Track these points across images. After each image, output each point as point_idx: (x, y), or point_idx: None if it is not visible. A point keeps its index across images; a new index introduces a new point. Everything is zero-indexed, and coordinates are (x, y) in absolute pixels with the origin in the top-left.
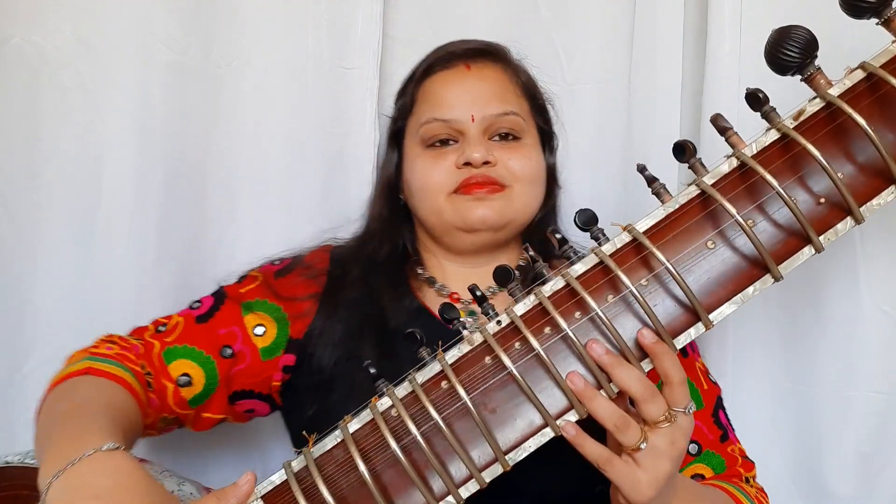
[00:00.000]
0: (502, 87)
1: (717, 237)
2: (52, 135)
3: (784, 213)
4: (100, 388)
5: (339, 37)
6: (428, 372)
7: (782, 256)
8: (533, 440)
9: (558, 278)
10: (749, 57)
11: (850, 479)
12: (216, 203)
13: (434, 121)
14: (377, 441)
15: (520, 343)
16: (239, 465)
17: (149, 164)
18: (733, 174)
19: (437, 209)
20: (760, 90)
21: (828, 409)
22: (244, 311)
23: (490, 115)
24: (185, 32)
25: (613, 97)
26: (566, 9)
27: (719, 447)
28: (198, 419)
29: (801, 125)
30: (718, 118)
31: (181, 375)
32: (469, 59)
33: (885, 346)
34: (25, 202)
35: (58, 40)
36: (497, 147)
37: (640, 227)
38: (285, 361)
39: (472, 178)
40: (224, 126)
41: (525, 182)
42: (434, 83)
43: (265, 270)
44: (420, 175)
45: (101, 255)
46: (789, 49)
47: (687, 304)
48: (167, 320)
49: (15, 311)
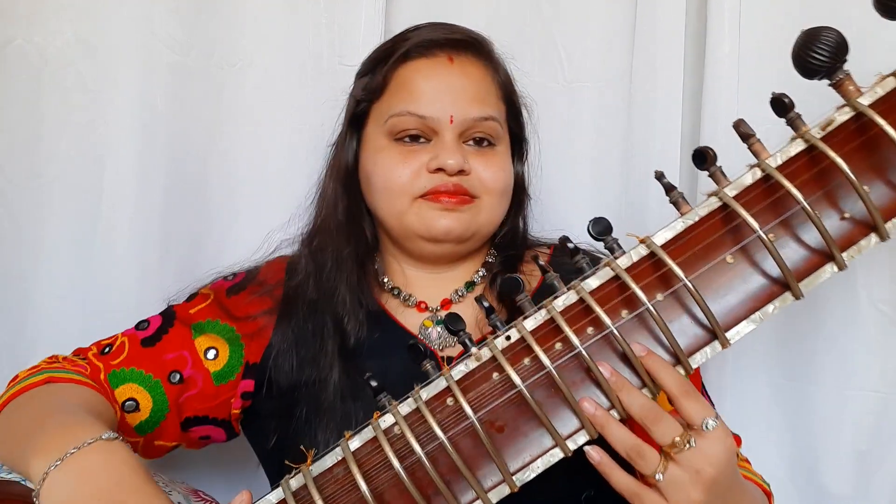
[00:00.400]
0: (485, 87)
1: (738, 252)
2: (53, 135)
3: (808, 229)
4: (70, 391)
5: (341, 35)
6: (433, 388)
7: (804, 274)
8: (541, 460)
9: (571, 292)
10: (748, 58)
11: (847, 478)
12: (218, 203)
13: (408, 114)
14: (380, 460)
15: (530, 360)
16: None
17: (150, 164)
18: (757, 187)
19: (399, 212)
20: (786, 95)
21: (825, 407)
22: (195, 333)
23: (470, 119)
24: (187, 33)
25: (613, 96)
26: (567, 7)
27: None
28: (149, 447)
29: (830, 136)
30: (741, 124)
31: (127, 400)
32: (453, 50)
33: (882, 345)
34: (27, 202)
35: (59, 41)
36: (471, 154)
37: (658, 240)
38: (244, 387)
39: (442, 185)
40: (225, 126)
41: (495, 194)
42: (412, 71)
43: (217, 287)
44: (384, 172)
45: (103, 255)
46: (818, 51)
47: (704, 323)
48: (111, 341)
49: (17, 311)
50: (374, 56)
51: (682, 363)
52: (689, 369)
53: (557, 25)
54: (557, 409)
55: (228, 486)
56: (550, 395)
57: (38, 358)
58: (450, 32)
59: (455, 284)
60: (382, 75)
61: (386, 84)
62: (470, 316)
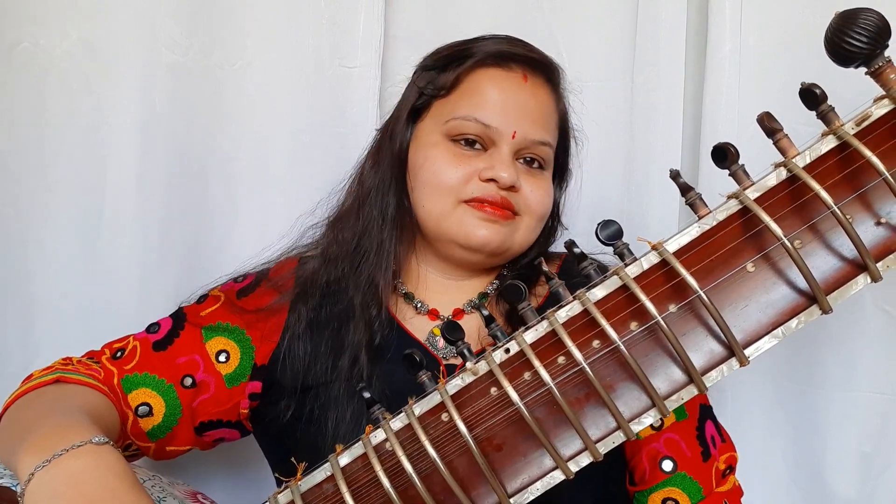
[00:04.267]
0: (549, 112)
1: (760, 261)
2: (59, 136)
3: (838, 236)
4: (78, 393)
5: (341, 36)
6: (427, 403)
7: (833, 286)
8: (541, 482)
9: (575, 303)
10: (749, 57)
11: (851, 480)
12: (219, 203)
13: (474, 120)
14: (370, 477)
15: (530, 374)
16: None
17: (152, 164)
18: (782, 188)
19: (441, 213)
20: (817, 85)
21: (830, 409)
22: (206, 336)
23: (530, 139)
24: (187, 34)
25: (615, 96)
26: (568, 6)
27: (699, 468)
28: (160, 452)
29: (865, 132)
30: (767, 117)
31: (140, 405)
32: (529, 68)
33: (887, 347)
34: (34, 202)
35: (65, 44)
36: (522, 172)
37: (672, 247)
38: (251, 388)
39: (490, 196)
40: (226, 126)
41: (536, 217)
42: (485, 78)
43: (227, 289)
44: (435, 168)
45: (106, 255)
46: (856, 36)
47: (721, 338)
48: (123, 344)
49: (24, 311)
50: (445, 53)
51: (696, 381)
52: (703, 388)
53: (559, 25)
54: (559, 428)
55: (228, 488)
56: (552, 413)
57: (43, 357)
58: (529, 51)
59: (468, 295)
60: (454, 75)
61: (456, 84)
62: (479, 327)
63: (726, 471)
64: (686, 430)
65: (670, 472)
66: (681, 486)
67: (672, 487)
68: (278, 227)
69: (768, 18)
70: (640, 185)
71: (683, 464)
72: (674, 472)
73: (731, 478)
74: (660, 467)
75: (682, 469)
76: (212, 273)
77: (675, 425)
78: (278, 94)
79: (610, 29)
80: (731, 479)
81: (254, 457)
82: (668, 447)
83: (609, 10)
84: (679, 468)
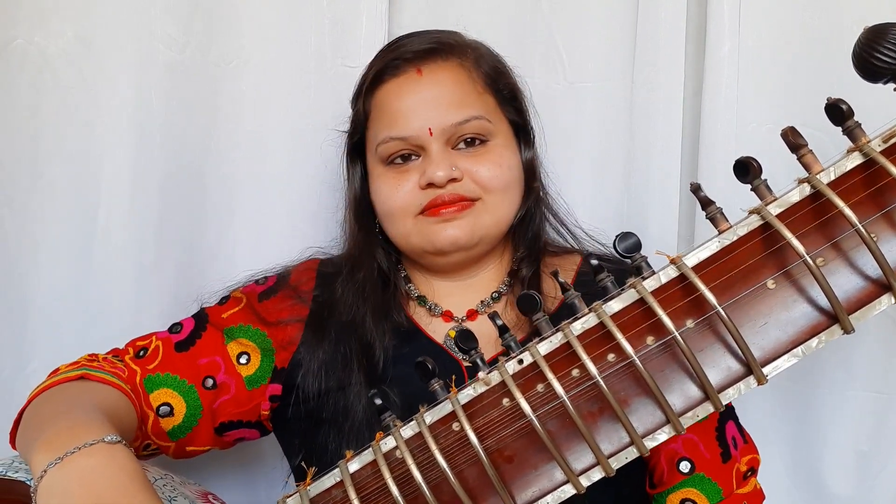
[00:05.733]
0: (460, 88)
1: (781, 278)
2: (54, 134)
3: (862, 255)
4: (97, 391)
5: (343, 35)
6: (439, 411)
7: (855, 305)
8: (552, 496)
9: (591, 315)
10: (748, 57)
11: (849, 479)
12: (215, 202)
13: (390, 139)
14: (379, 484)
15: (543, 386)
16: (242, 472)
17: (147, 163)
18: (806, 204)
19: (405, 233)
20: (843, 101)
21: (827, 408)
22: (227, 338)
23: (450, 125)
24: (184, 31)
25: (615, 96)
26: (568, 7)
27: (719, 469)
28: (180, 451)
29: (892, 149)
30: (791, 132)
31: (162, 405)
32: (418, 61)
33: (884, 347)
34: (29, 201)
35: (60, 41)
36: (462, 157)
37: (691, 262)
38: (271, 391)
39: (437, 198)
40: (223, 125)
41: (497, 192)
42: (385, 94)
43: (249, 291)
44: (383, 198)
45: (102, 254)
46: (885, 51)
47: (739, 355)
48: (146, 343)
49: (18, 311)
50: (357, 86)
51: (711, 399)
52: (720, 406)
53: (558, 26)
54: (571, 441)
55: (239, 489)
56: (564, 426)
57: (36, 360)
58: (413, 43)
59: (481, 294)
60: (363, 104)
61: (368, 112)
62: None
63: (748, 472)
64: (705, 431)
65: (688, 473)
66: (699, 487)
67: (690, 488)
68: (276, 227)
69: (767, 18)
70: (639, 185)
71: (702, 465)
72: (692, 473)
73: (752, 480)
74: (678, 468)
75: (701, 470)
76: (208, 272)
77: (695, 426)
78: (278, 93)
79: (610, 29)
80: (752, 482)
81: (265, 458)
82: (686, 448)
83: (609, 10)
84: (697, 469)
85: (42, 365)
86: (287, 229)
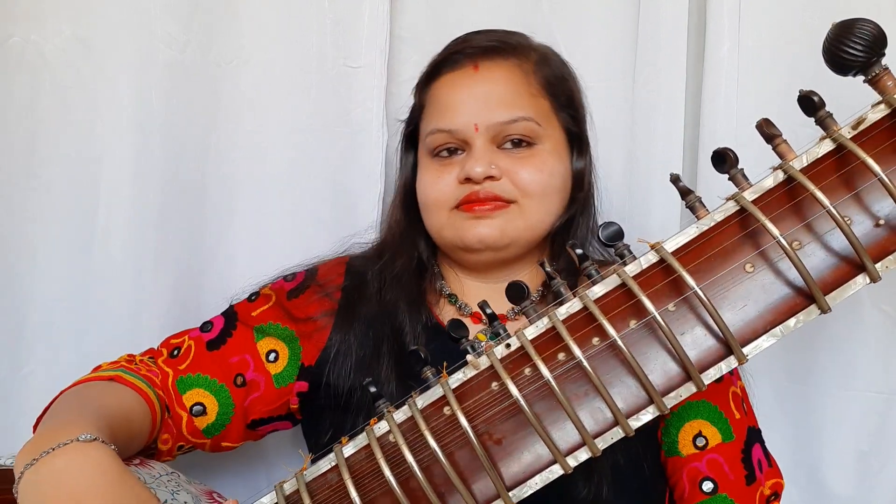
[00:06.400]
0: (513, 88)
1: (758, 259)
2: (52, 134)
3: (836, 236)
4: (114, 393)
5: (344, 35)
6: (431, 396)
7: (831, 285)
8: (540, 477)
9: (575, 300)
10: (748, 58)
11: (849, 479)
12: (215, 203)
13: (438, 131)
14: (373, 467)
15: (530, 369)
16: (245, 472)
17: (147, 164)
18: (779, 189)
19: (439, 226)
20: (815, 92)
21: (827, 408)
22: (257, 336)
23: (496, 123)
24: (184, 30)
25: (615, 96)
26: (569, 7)
27: (742, 492)
28: (216, 447)
29: (861, 135)
30: (765, 123)
31: (194, 405)
32: (478, 58)
33: (884, 346)
34: (26, 202)
35: (57, 39)
36: (505, 157)
37: (670, 247)
38: (298, 388)
39: (472, 194)
40: (224, 125)
41: (535, 196)
42: (440, 87)
43: (278, 288)
44: (425, 188)
45: (100, 255)
46: (853, 45)
47: (719, 335)
48: (179, 342)
49: (15, 312)
50: (419, 78)
51: (693, 378)
52: (701, 385)
53: (559, 25)
54: (558, 422)
55: (245, 488)
56: (551, 407)
57: (36, 360)
58: (476, 39)
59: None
60: (419, 97)
61: (423, 104)
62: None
63: (771, 497)
64: (731, 453)
65: (710, 493)
66: None
67: None
68: (277, 228)
69: (766, 19)
70: (640, 186)
71: (724, 486)
72: (714, 493)
73: None
74: (700, 488)
75: (724, 491)
76: (208, 273)
77: (721, 446)
78: (279, 93)
79: (610, 29)
80: None
81: (268, 457)
82: (710, 468)
83: (609, 11)
84: (720, 490)
85: (39, 367)
86: (287, 229)
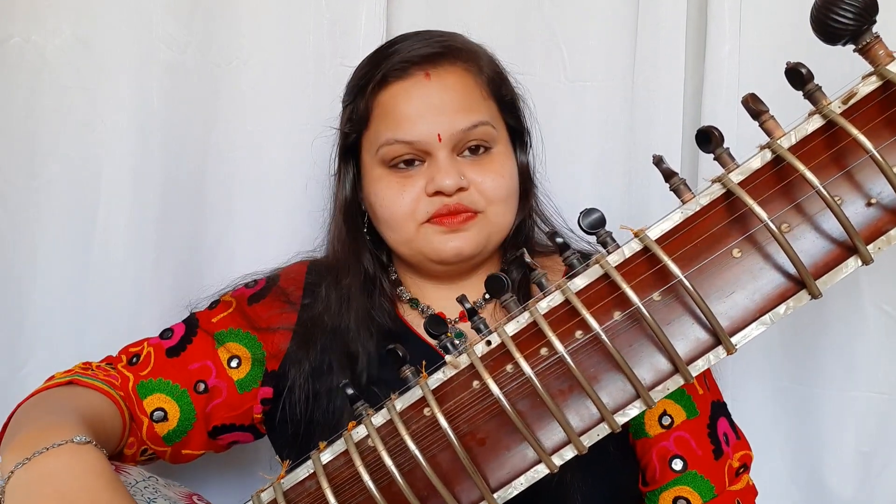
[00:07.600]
0: (467, 93)
1: (745, 244)
2: (51, 134)
3: (826, 217)
4: (81, 395)
5: (342, 35)
6: (410, 397)
7: (822, 269)
8: (525, 477)
9: (557, 293)
10: (749, 57)
11: (850, 480)
12: (215, 203)
13: (395, 142)
14: (351, 474)
15: (512, 367)
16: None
17: (147, 163)
18: (766, 170)
19: (408, 239)
20: (803, 65)
21: (828, 409)
22: (217, 342)
23: (458, 131)
24: (184, 31)
25: (615, 96)
26: (569, 5)
27: (711, 466)
28: (176, 455)
29: (852, 110)
30: (752, 98)
31: (155, 410)
32: (428, 64)
33: (886, 347)
34: (25, 202)
35: (57, 40)
36: (467, 165)
37: (654, 234)
38: (263, 394)
39: (443, 208)
40: (223, 125)
41: (500, 203)
42: (391, 96)
43: (239, 295)
44: (386, 203)
45: (100, 255)
46: (842, 12)
47: (706, 325)
48: (138, 350)
49: (14, 312)
50: (353, 83)
51: (681, 371)
52: (689, 378)
53: (559, 24)
54: (542, 421)
55: (226, 491)
56: (535, 405)
57: (36, 360)
58: (421, 45)
59: (472, 296)
60: (364, 104)
61: (369, 113)
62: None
63: (740, 469)
64: (697, 428)
65: (680, 470)
66: (691, 484)
67: (683, 486)
68: (275, 227)
69: (767, 19)
70: (640, 186)
71: (694, 462)
72: (684, 470)
73: (744, 476)
74: (670, 466)
75: (693, 468)
76: (208, 273)
77: (686, 423)
78: (277, 93)
79: (610, 29)
80: (744, 478)
81: (261, 462)
82: (677, 446)
83: (609, 10)
84: (689, 467)
85: (38, 367)
86: (287, 229)
